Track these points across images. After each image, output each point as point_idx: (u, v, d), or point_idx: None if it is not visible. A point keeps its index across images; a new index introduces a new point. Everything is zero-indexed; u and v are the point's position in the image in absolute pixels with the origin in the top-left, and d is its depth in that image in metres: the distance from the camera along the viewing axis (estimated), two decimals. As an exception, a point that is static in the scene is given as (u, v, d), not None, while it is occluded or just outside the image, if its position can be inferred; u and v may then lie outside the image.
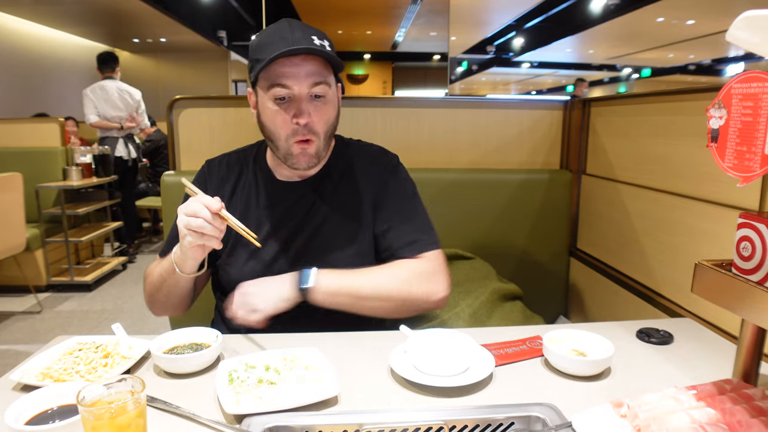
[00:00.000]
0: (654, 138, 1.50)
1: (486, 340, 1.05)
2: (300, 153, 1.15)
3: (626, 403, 0.77)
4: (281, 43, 1.07)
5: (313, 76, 1.10)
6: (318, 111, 1.13)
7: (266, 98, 1.13)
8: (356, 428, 0.74)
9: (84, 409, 0.62)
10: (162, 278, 1.14)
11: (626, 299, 1.60)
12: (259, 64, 1.09)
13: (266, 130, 1.18)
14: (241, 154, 1.34)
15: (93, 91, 4.83)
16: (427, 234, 1.22)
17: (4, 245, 3.29)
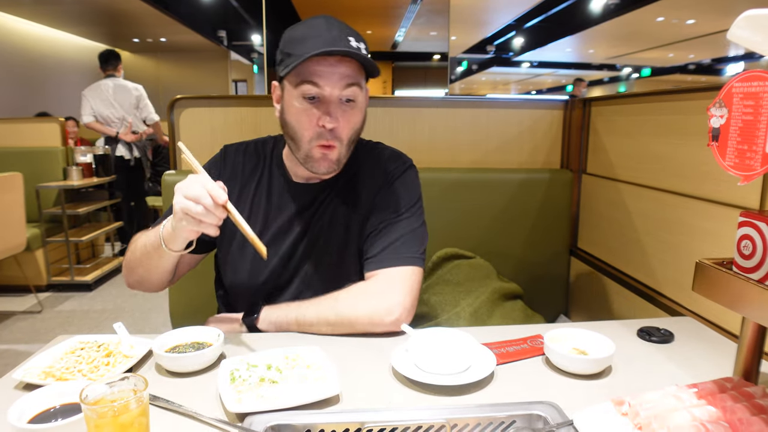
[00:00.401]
0: (655, 137, 1.50)
1: (487, 339, 1.05)
2: (321, 158, 1.11)
3: (627, 402, 0.77)
4: (318, 41, 1.03)
5: (346, 79, 1.06)
6: (345, 116, 1.09)
7: (294, 94, 1.08)
8: (358, 427, 0.74)
9: (87, 407, 0.63)
10: (145, 251, 1.08)
11: (627, 298, 1.60)
12: (290, 58, 1.05)
13: (289, 128, 1.13)
14: (260, 145, 1.29)
15: (90, 90, 4.81)
16: (400, 249, 1.16)
17: (5, 245, 3.30)
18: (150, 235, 1.07)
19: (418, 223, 1.22)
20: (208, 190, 0.92)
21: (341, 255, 1.22)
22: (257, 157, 1.26)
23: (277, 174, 1.23)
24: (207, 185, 0.92)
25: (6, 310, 3.73)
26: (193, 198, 0.91)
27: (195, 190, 0.92)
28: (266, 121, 1.77)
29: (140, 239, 1.12)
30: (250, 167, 1.25)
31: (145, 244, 1.08)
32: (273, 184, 1.23)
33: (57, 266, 4.24)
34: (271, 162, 1.25)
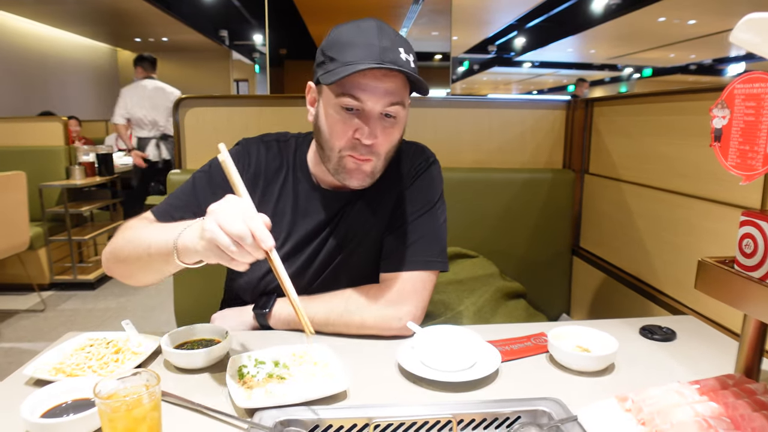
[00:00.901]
0: (657, 137, 1.51)
1: (491, 337, 1.06)
2: (354, 169, 1.04)
3: (631, 398, 0.78)
4: (366, 50, 0.95)
5: (390, 96, 0.98)
6: (385, 132, 1.01)
7: (332, 102, 1.00)
8: (365, 422, 0.76)
9: (101, 401, 0.64)
10: (148, 251, 0.92)
11: (629, 297, 1.62)
12: (333, 64, 0.97)
13: (321, 135, 1.05)
14: (282, 144, 1.20)
15: (128, 88, 4.83)
16: (418, 251, 1.13)
17: (8, 243, 3.31)
18: (156, 236, 0.91)
19: (439, 221, 1.18)
20: (252, 230, 0.76)
21: (365, 261, 1.19)
22: (281, 157, 1.18)
23: (302, 179, 1.17)
24: (251, 223, 0.76)
25: (9, 309, 3.75)
26: (233, 235, 0.75)
27: (237, 228, 0.75)
28: (270, 121, 1.78)
29: (138, 232, 0.97)
30: (275, 167, 1.17)
31: (148, 244, 0.92)
32: (299, 189, 1.16)
33: (60, 265, 4.25)
34: (295, 165, 1.18)
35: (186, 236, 0.84)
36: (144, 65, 4.96)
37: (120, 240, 1.00)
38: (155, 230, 0.94)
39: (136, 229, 0.99)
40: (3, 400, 0.85)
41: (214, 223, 0.76)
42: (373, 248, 1.18)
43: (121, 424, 0.64)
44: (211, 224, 0.76)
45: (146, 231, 0.96)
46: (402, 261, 1.13)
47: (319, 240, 1.16)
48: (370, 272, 1.17)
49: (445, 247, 1.18)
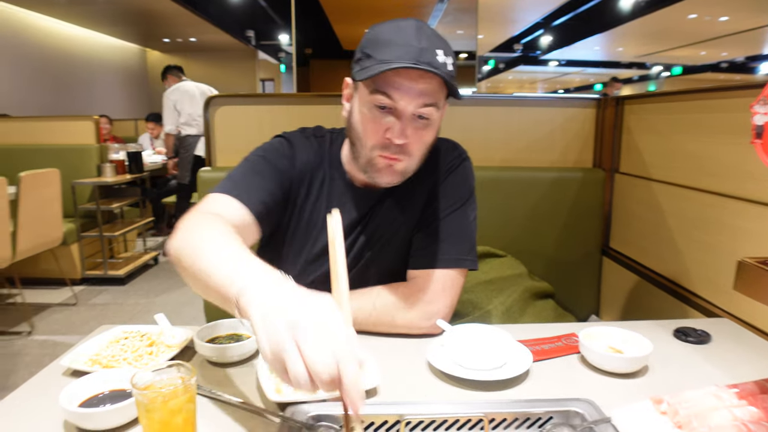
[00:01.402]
0: (690, 136, 1.48)
1: (521, 336, 1.05)
2: (385, 167, 1.03)
3: (666, 400, 0.77)
4: (404, 50, 0.94)
5: (424, 97, 0.96)
6: (417, 133, 1.00)
7: (365, 100, 1.00)
8: (397, 419, 0.76)
9: (138, 392, 0.65)
10: (206, 282, 0.73)
11: (660, 298, 1.59)
12: (369, 61, 0.96)
13: (353, 132, 1.05)
14: (322, 140, 1.19)
15: (171, 92, 4.88)
16: (448, 249, 1.12)
17: (43, 239, 3.40)
18: (218, 267, 0.72)
19: (470, 218, 1.17)
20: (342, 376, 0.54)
21: (394, 258, 1.18)
22: (320, 156, 1.17)
23: (337, 176, 1.16)
24: (345, 367, 0.54)
25: (44, 302, 3.85)
26: (315, 374, 0.54)
27: (322, 362, 0.53)
28: (297, 119, 1.79)
29: (203, 245, 0.79)
30: (316, 163, 1.16)
31: (208, 272, 0.73)
32: (333, 186, 1.16)
33: (91, 260, 4.35)
34: (331, 162, 1.17)
35: (249, 306, 0.62)
36: (174, 73, 5.05)
37: (185, 243, 0.83)
38: (219, 256, 0.75)
39: (202, 239, 0.81)
40: (42, 389, 0.87)
41: (293, 344, 0.55)
42: (403, 245, 1.18)
43: (158, 415, 0.65)
44: (290, 345, 0.55)
45: (210, 251, 0.76)
46: (431, 258, 1.12)
47: (350, 239, 1.16)
48: (398, 269, 1.17)
49: (474, 245, 1.17)
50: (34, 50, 7.82)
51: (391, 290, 1.11)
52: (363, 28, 4.37)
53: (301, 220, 1.15)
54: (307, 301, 0.59)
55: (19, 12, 7.51)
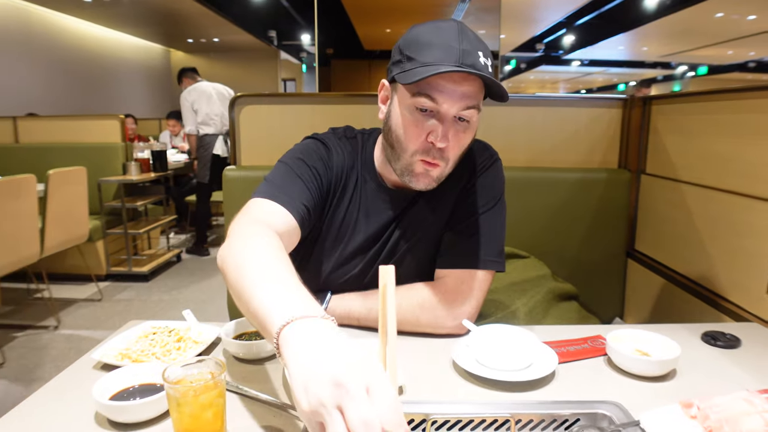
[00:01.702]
0: (720, 137, 1.45)
1: (546, 337, 1.05)
2: (422, 173, 1.02)
3: (696, 404, 0.76)
4: (446, 52, 0.93)
5: (467, 99, 0.96)
6: (457, 136, 0.99)
7: (406, 103, 0.99)
8: (423, 418, 0.76)
9: (170, 386, 0.66)
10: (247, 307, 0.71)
11: (687, 302, 1.56)
12: (411, 63, 0.96)
13: (392, 136, 1.03)
14: (353, 141, 1.19)
15: (188, 92, 4.92)
16: (477, 250, 1.11)
17: (70, 235, 3.47)
18: (261, 296, 0.69)
19: (499, 219, 1.17)
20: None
21: (423, 258, 1.18)
22: (353, 155, 1.17)
23: (369, 178, 1.16)
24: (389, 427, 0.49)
25: (70, 297, 3.93)
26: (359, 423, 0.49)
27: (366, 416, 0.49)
28: (321, 119, 1.80)
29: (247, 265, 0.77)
30: (349, 166, 1.15)
31: (249, 297, 0.71)
32: (366, 189, 1.16)
33: (116, 257, 4.43)
34: (363, 164, 1.17)
35: (287, 352, 0.59)
36: (189, 74, 5.09)
37: (231, 258, 0.81)
38: (262, 290, 0.70)
39: (247, 257, 0.79)
40: (73, 381, 0.89)
41: (335, 408, 0.50)
42: (432, 245, 1.18)
43: (188, 409, 0.67)
44: (333, 409, 0.50)
45: (256, 282, 0.72)
46: (459, 258, 1.12)
47: (382, 240, 1.16)
48: (427, 269, 1.17)
49: (503, 246, 1.17)
50: (63, 51, 7.98)
51: (417, 289, 1.11)
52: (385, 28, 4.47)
53: (335, 221, 1.15)
54: (353, 358, 0.53)
55: (50, 14, 7.68)
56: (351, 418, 0.49)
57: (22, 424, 0.77)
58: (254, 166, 1.79)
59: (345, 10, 6.63)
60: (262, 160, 1.80)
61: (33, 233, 3.05)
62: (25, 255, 2.99)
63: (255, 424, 0.77)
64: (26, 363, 2.90)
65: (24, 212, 2.91)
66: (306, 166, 1.09)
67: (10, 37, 6.86)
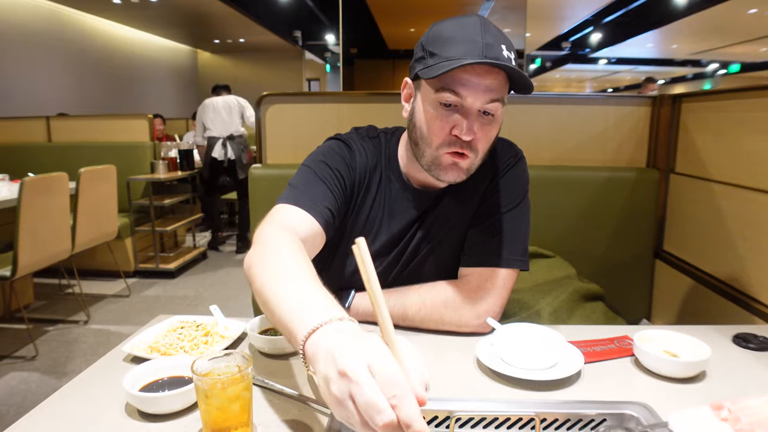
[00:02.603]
0: (752, 135, 1.42)
1: (571, 337, 1.03)
2: (450, 165, 1.01)
3: (727, 407, 0.74)
4: (469, 47, 0.93)
5: (491, 92, 0.95)
6: (483, 129, 0.98)
7: (429, 98, 0.99)
8: (447, 415, 0.76)
9: (198, 378, 0.67)
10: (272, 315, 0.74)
11: (717, 303, 1.53)
12: (433, 59, 0.95)
13: (416, 131, 1.03)
14: (376, 141, 1.18)
15: (200, 107, 5.08)
16: (500, 249, 1.10)
17: (100, 232, 3.55)
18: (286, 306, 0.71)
19: (523, 219, 1.16)
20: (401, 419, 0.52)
21: (447, 256, 1.18)
22: (376, 158, 1.16)
23: (393, 178, 1.15)
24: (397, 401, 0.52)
25: (99, 293, 4.02)
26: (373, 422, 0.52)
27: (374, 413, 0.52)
28: (346, 117, 1.81)
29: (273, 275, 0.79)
30: (372, 165, 1.15)
31: (274, 305, 0.74)
32: (390, 188, 1.15)
33: (143, 254, 4.52)
34: (387, 163, 1.16)
35: (313, 352, 0.62)
36: (216, 91, 5.20)
37: (257, 266, 0.84)
38: (286, 298, 0.73)
39: (274, 274, 0.80)
40: (105, 373, 0.91)
41: (350, 402, 0.54)
42: (456, 243, 1.17)
43: (216, 402, 0.68)
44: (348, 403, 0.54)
45: (280, 290, 0.75)
46: (483, 257, 1.12)
47: (406, 239, 1.16)
48: (452, 267, 1.17)
49: (527, 245, 1.16)
50: (94, 52, 8.17)
51: (441, 287, 1.11)
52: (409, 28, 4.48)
53: (359, 220, 1.15)
54: (354, 345, 0.57)
55: (81, 16, 7.86)
56: (359, 405, 0.52)
57: (56, 414, 0.79)
58: (280, 165, 1.81)
59: (369, 9, 6.65)
60: (288, 159, 1.82)
61: (65, 230, 3.13)
62: (57, 251, 3.07)
63: (280, 418, 0.78)
64: (57, 356, 2.97)
65: (56, 209, 2.99)
66: (329, 168, 1.09)
67: (42, 39, 7.04)
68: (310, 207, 1.00)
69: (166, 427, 0.76)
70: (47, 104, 6.64)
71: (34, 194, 2.76)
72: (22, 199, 2.67)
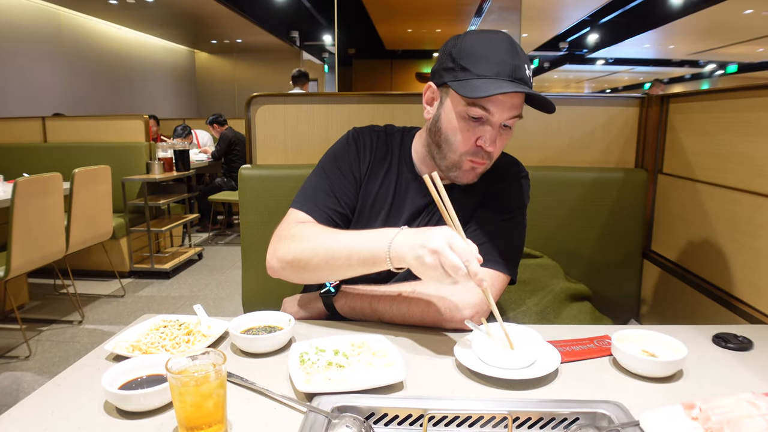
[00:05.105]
0: (739, 135, 1.43)
1: (552, 337, 1.04)
2: (469, 170, 1.13)
3: (698, 406, 0.75)
4: (500, 67, 1.03)
5: (514, 110, 1.08)
6: (501, 139, 1.11)
7: (458, 109, 1.08)
8: (421, 413, 0.76)
9: (172, 376, 0.68)
10: (348, 261, 1.02)
11: (703, 304, 1.54)
12: (466, 74, 1.05)
13: (441, 136, 1.13)
14: (390, 136, 1.30)
15: None
16: (491, 251, 1.14)
17: (95, 232, 3.55)
18: (357, 245, 1.01)
19: (517, 231, 1.23)
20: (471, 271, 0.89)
21: None
22: (387, 147, 1.28)
23: (406, 170, 1.25)
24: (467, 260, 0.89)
25: (93, 293, 4.02)
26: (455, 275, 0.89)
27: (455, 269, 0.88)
28: (337, 119, 1.82)
29: (327, 241, 1.06)
30: (381, 155, 1.27)
31: (348, 254, 1.02)
32: (401, 178, 1.25)
33: (138, 254, 4.52)
34: (401, 155, 1.27)
35: (400, 249, 0.95)
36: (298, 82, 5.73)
37: (303, 251, 1.08)
38: (351, 239, 1.04)
39: (321, 238, 1.08)
40: (86, 372, 0.92)
41: (439, 265, 0.89)
42: None
43: (190, 399, 0.68)
44: (438, 267, 0.89)
45: (339, 240, 1.05)
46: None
47: (412, 227, 1.19)
48: None
49: (518, 258, 1.21)
50: (91, 53, 8.17)
51: (426, 284, 1.12)
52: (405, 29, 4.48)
53: (367, 201, 1.25)
54: (437, 234, 0.91)
55: (78, 17, 7.86)
56: (446, 268, 0.88)
57: (35, 411, 0.80)
58: (269, 165, 1.82)
59: (366, 10, 6.65)
60: (277, 159, 1.82)
61: (59, 230, 3.13)
62: (51, 251, 3.07)
63: (256, 415, 0.78)
64: (51, 356, 2.98)
65: (51, 210, 2.99)
66: (339, 170, 1.24)
67: (39, 40, 7.05)
68: (317, 213, 1.18)
69: (143, 424, 0.76)
70: (43, 104, 6.64)
71: (27, 194, 2.76)
72: (16, 200, 2.68)
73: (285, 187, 1.66)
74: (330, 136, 1.35)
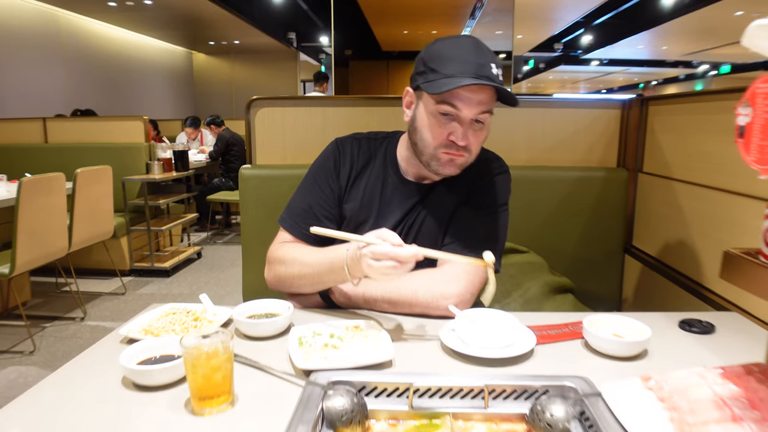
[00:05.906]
0: (709, 136, 1.52)
1: (531, 323, 1.13)
2: (448, 161, 1.20)
3: (654, 378, 0.84)
4: (465, 66, 1.11)
5: (482, 105, 1.14)
6: (475, 134, 1.18)
7: (430, 108, 1.17)
8: (407, 386, 0.85)
9: (186, 350, 0.77)
10: (318, 272, 1.18)
11: (681, 296, 1.63)
12: (434, 75, 1.13)
13: (417, 134, 1.21)
14: (372, 142, 1.39)
15: None
16: (475, 243, 1.21)
17: (97, 231, 3.63)
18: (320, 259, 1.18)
19: (499, 225, 1.31)
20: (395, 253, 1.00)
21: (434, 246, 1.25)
22: (369, 153, 1.37)
23: (392, 172, 1.33)
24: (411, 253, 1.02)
25: (95, 291, 4.11)
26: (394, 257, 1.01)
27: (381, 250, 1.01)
28: (335, 121, 1.90)
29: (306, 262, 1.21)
30: (363, 161, 1.35)
31: (319, 264, 1.18)
32: (386, 180, 1.33)
33: (139, 253, 4.60)
34: (385, 159, 1.35)
35: (350, 262, 1.10)
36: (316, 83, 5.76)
37: (285, 273, 1.26)
38: (318, 260, 1.20)
39: (296, 263, 1.24)
40: (104, 352, 1.01)
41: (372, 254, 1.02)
42: (441, 233, 1.31)
43: (201, 371, 0.77)
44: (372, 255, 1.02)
45: (309, 263, 1.21)
46: (458, 247, 1.23)
47: (401, 227, 1.31)
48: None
49: (501, 249, 1.30)
50: (90, 54, 8.23)
51: (415, 275, 1.19)
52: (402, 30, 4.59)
53: (353, 207, 1.32)
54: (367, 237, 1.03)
55: (77, 18, 7.92)
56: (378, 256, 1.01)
57: (60, 386, 0.88)
58: (269, 165, 1.90)
59: (362, 11, 6.73)
60: (276, 159, 1.91)
61: (62, 229, 3.21)
62: (54, 249, 3.15)
63: (261, 389, 0.87)
64: (55, 351, 3.06)
65: (54, 209, 3.07)
66: (320, 184, 1.33)
67: (39, 42, 7.11)
68: (293, 228, 1.31)
69: (158, 396, 0.85)
70: (44, 106, 6.71)
71: (32, 194, 2.84)
72: (21, 199, 2.75)
73: (283, 186, 1.75)
74: (326, 137, 1.43)
